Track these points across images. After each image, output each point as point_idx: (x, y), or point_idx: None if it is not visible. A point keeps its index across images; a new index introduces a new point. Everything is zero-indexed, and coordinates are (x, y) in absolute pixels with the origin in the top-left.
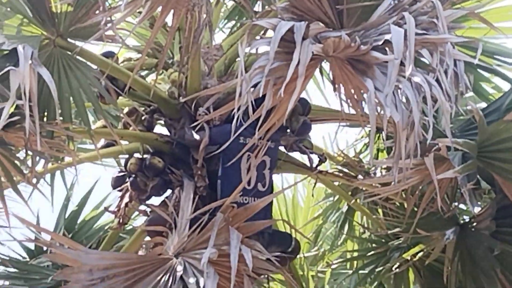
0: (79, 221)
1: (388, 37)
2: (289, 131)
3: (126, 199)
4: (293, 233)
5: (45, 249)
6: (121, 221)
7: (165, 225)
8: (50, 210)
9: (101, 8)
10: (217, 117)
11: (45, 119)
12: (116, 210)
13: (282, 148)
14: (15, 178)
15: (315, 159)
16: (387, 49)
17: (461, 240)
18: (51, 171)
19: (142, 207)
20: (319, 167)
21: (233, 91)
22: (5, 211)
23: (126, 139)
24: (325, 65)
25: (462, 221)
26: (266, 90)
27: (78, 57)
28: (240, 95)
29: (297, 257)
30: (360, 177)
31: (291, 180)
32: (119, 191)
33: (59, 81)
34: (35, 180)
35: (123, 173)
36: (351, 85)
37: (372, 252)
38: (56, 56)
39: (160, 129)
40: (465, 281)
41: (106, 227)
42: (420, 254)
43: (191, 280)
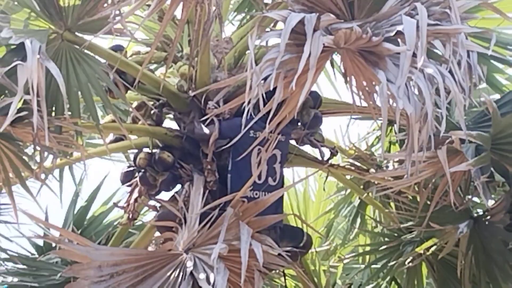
0: (88, 217)
1: (400, 28)
2: (300, 124)
3: (135, 194)
4: (305, 228)
5: (54, 245)
6: (130, 216)
7: (175, 220)
8: (58, 206)
9: (110, 1)
10: (227, 110)
11: (53, 114)
12: (125, 205)
13: (293, 141)
14: (23, 173)
15: (327, 152)
16: (399, 40)
17: (475, 233)
18: (59, 166)
19: (151, 202)
20: (331, 161)
21: (243, 84)
22: (13, 207)
23: (135, 134)
24: (336, 57)
25: (475, 215)
26: (276, 83)
27: (86, 51)
28: (250, 88)
29: (309, 252)
30: (372, 170)
31: (302, 174)
32: (128, 186)
33: (67, 76)
34: (43, 175)
35: (132, 168)
36: (362, 77)
37: (384, 246)
38: (64, 50)
39: (169, 123)
40: (479, 274)
41: (115, 223)
42: (433, 248)
43: (201, 276)
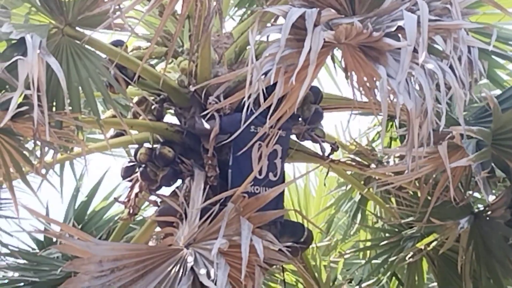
0: (88, 212)
1: (401, 23)
2: (300, 119)
3: (136, 190)
4: (305, 223)
5: (55, 240)
6: (131, 211)
7: (176, 215)
8: (59, 201)
9: None
10: (228, 106)
11: (53, 109)
12: (126, 200)
13: (293, 137)
14: (24, 168)
15: (327, 148)
16: (400, 35)
17: (476, 229)
18: (60, 161)
19: (152, 198)
20: (331, 156)
21: (244, 79)
22: (14, 202)
23: (135, 129)
24: (337, 53)
25: (476, 210)
26: (277, 78)
27: (86, 46)
28: (250, 83)
29: (309, 247)
30: (373, 166)
31: (303, 169)
32: (129, 181)
33: (67, 71)
34: (44, 170)
35: (133, 163)
36: (363, 73)
37: (385, 241)
38: (64, 45)
39: (170, 119)
40: (480, 270)
41: (116, 218)
42: (434, 243)
43: (202, 271)
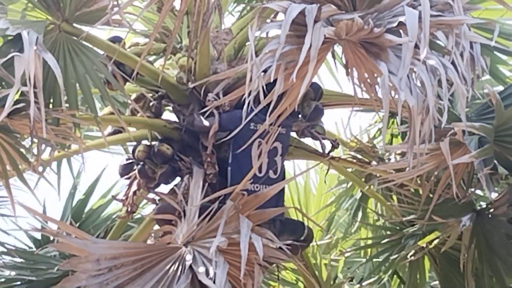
0: (86, 210)
1: (402, 19)
2: (301, 116)
3: (134, 187)
4: (306, 221)
5: (52, 238)
6: (129, 209)
7: (174, 213)
8: (56, 198)
9: None
10: (227, 103)
11: (50, 106)
12: (124, 198)
13: (293, 134)
14: (20, 166)
15: (328, 145)
16: (401, 31)
17: (478, 226)
18: (57, 159)
19: (150, 195)
20: (332, 153)
21: (243, 76)
22: (10, 200)
23: (133, 126)
24: (338, 49)
25: (478, 207)
26: (277, 74)
27: (84, 42)
28: (250, 80)
29: (310, 245)
30: (374, 163)
31: (303, 166)
32: (127, 179)
33: (64, 67)
34: (41, 168)
35: (131, 161)
36: (364, 69)
37: (386, 239)
38: (61, 41)
39: (168, 115)
40: (482, 268)
41: (114, 216)
42: (435, 241)
43: (201, 269)
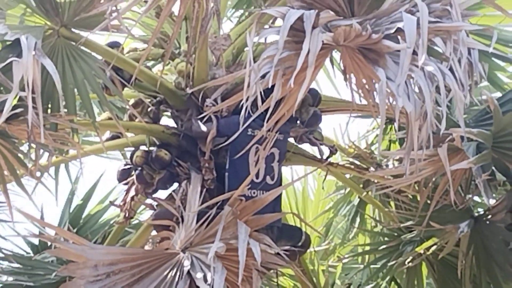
0: (84, 216)
1: (400, 25)
2: (299, 122)
3: (132, 193)
4: (303, 227)
5: (50, 244)
6: (127, 215)
7: (172, 219)
8: (54, 204)
9: None
10: (225, 108)
11: (49, 111)
12: (121, 204)
13: (291, 139)
14: (18, 171)
15: (326, 151)
16: (399, 37)
17: (476, 233)
18: (55, 164)
19: (148, 201)
20: (330, 159)
21: (241, 81)
22: (8, 205)
23: (131, 131)
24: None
25: (476, 214)
26: (275, 80)
27: (82, 48)
28: (248, 86)
29: (307, 251)
30: (371, 169)
31: (301, 172)
32: (124, 184)
33: (63, 72)
34: (39, 173)
35: (128, 166)
36: (362, 75)
37: (384, 246)
38: (60, 46)
39: (166, 121)
40: (480, 274)
41: (111, 222)
42: (433, 247)
43: (199, 275)
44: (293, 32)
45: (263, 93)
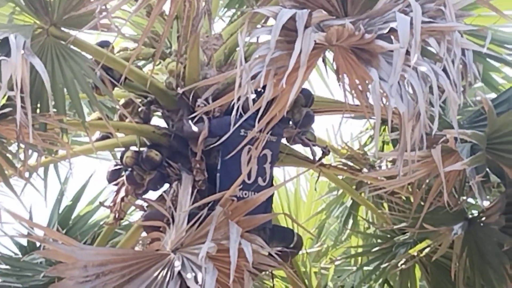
0: (73, 216)
1: (393, 25)
2: (291, 123)
3: (122, 194)
4: (296, 228)
5: (38, 245)
6: (117, 216)
7: (163, 220)
8: (43, 205)
9: None
10: (217, 109)
11: (38, 111)
12: (111, 205)
13: (284, 140)
14: (7, 172)
15: (318, 152)
16: (392, 37)
17: (470, 235)
18: (44, 164)
19: (138, 202)
20: (323, 160)
21: (233, 81)
22: None
23: (122, 132)
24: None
25: (470, 216)
26: (266, 80)
27: (72, 47)
28: (240, 86)
29: (300, 253)
30: (364, 170)
31: (293, 173)
32: (114, 185)
33: (52, 72)
34: (27, 174)
35: (119, 167)
36: (355, 75)
37: (377, 248)
38: (49, 45)
39: (157, 121)
40: (473, 277)
41: (101, 223)
42: (427, 249)
43: (189, 275)
44: (285, 31)
45: (255, 94)
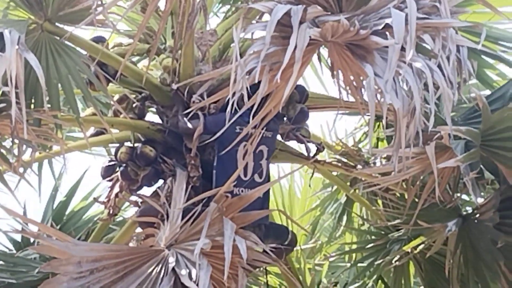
0: (67, 212)
1: (388, 21)
2: (285, 119)
3: (116, 189)
4: (290, 225)
5: (32, 240)
6: (111, 212)
7: (157, 216)
8: (37, 200)
9: None
10: (213, 105)
11: (32, 106)
12: (106, 200)
13: (278, 136)
14: (1, 167)
15: (313, 148)
16: (387, 33)
17: (464, 232)
18: (38, 160)
19: (133, 198)
20: (317, 157)
21: (228, 77)
22: None
23: (116, 127)
24: (324, 51)
25: (464, 213)
26: (261, 76)
27: (67, 42)
28: (235, 82)
29: (294, 249)
30: (359, 167)
31: (287, 170)
32: (109, 181)
33: (47, 67)
34: (22, 169)
35: (113, 163)
36: (350, 71)
37: (371, 244)
38: (44, 41)
39: (152, 117)
40: (467, 274)
41: (95, 219)
42: (421, 246)
43: (183, 272)
44: (280, 27)
45: (249, 89)
